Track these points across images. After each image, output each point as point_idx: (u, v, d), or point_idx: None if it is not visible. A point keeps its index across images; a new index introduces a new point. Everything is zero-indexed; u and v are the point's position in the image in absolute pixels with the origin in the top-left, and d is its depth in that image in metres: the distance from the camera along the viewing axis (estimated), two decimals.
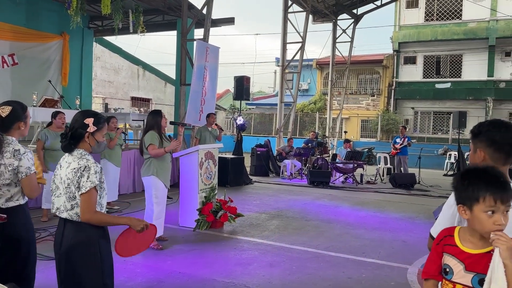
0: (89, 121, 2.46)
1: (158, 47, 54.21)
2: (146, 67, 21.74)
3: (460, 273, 1.57)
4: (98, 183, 2.39)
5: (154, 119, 5.19)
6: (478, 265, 1.54)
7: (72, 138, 2.44)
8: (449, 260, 1.61)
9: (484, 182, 1.52)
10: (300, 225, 6.68)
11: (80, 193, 2.35)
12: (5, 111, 2.64)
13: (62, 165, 2.47)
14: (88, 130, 2.45)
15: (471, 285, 1.55)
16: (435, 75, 23.16)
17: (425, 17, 23.27)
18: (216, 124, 8.49)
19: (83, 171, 2.35)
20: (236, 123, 11.95)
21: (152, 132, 5.12)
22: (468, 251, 1.57)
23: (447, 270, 1.61)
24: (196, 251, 5.12)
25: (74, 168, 2.37)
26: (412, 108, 23.46)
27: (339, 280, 4.32)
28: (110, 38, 17.13)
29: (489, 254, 1.51)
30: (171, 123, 6.50)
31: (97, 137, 2.51)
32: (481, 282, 1.52)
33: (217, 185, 6.57)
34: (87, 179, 2.35)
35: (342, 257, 5.06)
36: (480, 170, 1.58)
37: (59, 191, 2.44)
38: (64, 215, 2.39)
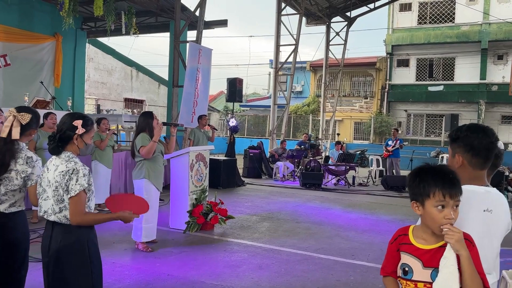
0: (78, 123, 2.46)
1: (152, 48, 54.12)
2: (140, 68, 21.69)
3: (419, 271, 1.62)
4: (87, 185, 2.39)
5: (145, 121, 5.13)
6: (434, 260, 1.59)
7: (60, 141, 2.43)
8: (407, 259, 1.66)
9: (433, 178, 1.59)
10: (291, 227, 6.70)
11: (69, 196, 2.34)
12: (25, 118, 2.64)
13: (49, 168, 2.45)
14: (76, 132, 2.45)
15: (431, 280, 1.59)
16: (428, 78, 23.32)
17: (418, 20, 23.44)
18: (209, 125, 8.48)
19: (71, 174, 2.35)
20: (229, 125, 11.96)
21: (143, 134, 5.08)
22: (423, 247, 1.63)
23: (406, 269, 1.66)
24: (185, 253, 5.12)
25: (62, 171, 2.36)
26: (405, 110, 23.61)
27: (327, 283, 4.34)
28: (104, 40, 17.09)
29: (443, 249, 1.57)
30: (163, 124, 6.49)
31: (85, 139, 2.51)
32: None
33: (208, 187, 6.58)
34: (76, 182, 2.34)
35: (331, 260, 5.09)
36: (431, 168, 1.64)
37: (46, 194, 2.42)
38: (52, 218, 2.38)
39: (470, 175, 1.80)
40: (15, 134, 2.60)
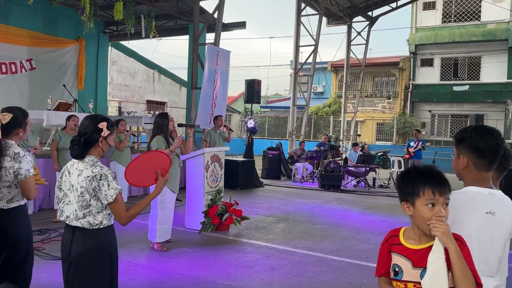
0: (103, 125, 2.44)
1: (174, 51, 54.87)
2: (161, 71, 22.02)
3: (408, 271, 1.62)
4: (120, 187, 2.38)
5: (161, 123, 5.21)
6: (423, 260, 1.58)
7: (86, 144, 2.40)
8: (397, 259, 1.67)
9: (422, 177, 1.61)
10: (306, 228, 6.67)
11: (107, 202, 2.33)
12: (6, 118, 2.72)
13: (71, 172, 2.43)
14: (102, 134, 2.43)
15: (420, 280, 1.59)
16: (452, 78, 22.79)
17: (442, 18, 22.95)
18: (225, 126, 8.54)
19: (99, 179, 2.32)
20: (247, 126, 12.00)
21: (158, 137, 5.14)
22: (412, 247, 1.64)
23: (397, 270, 1.66)
24: (199, 253, 5.17)
25: (88, 176, 2.33)
26: (429, 111, 23.15)
27: (339, 285, 4.31)
28: (126, 43, 17.44)
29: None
30: (179, 125, 6.57)
31: (109, 141, 2.49)
32: None
33: (223, 188, 6.62)
34: (109, 187, 2.33)
35: (345, 262, 5.05)
36: (418, 168, 1.66)
37: (68, 198, 2.40)
38: (75, 223, 2.36)
39: (475, 177, 1.78)
40: None
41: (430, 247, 1.58)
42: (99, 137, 2.43)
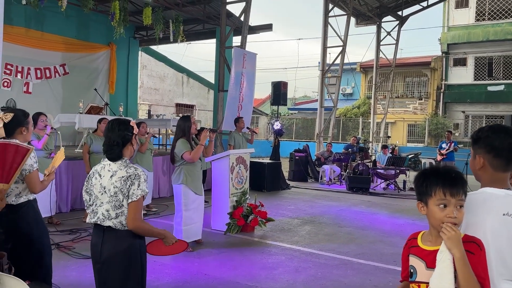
0: (133, 123, 2.56)
1: (202, 54, 55.52)
2: (190, 74, 22.33)
3: (422, 271, 1.61)
4: (147, 191, 2.43)
5: (183, 126, 5.21)
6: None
7: (123, 144, 2.46)
8: (413, 260, 1.67)
9: (435, 177, 1.60)
10: (332, 231, 6.60)
11: (130, 201, 2.35)
12: (8, 117, 2.84)
13: (102, 175, 2.46)
14: (134, 132, 2.53)
15: None
16: (487, 77, 22.04)
17: (476, 16, 22.25)
18: (248, 128, 8.55)
19: (133, 179, 2.37)
20: (273, 128, 11.99)
21: (182, 140, 5.14)
22: (428, 248, 1.63)
23: (412, 271, 1.66)
24: (224, 254, 5.21)
25: (123, 177, 2.38)
26: (463, 112, 22.46)
27: None
28: (156, 47, 17.78)
29: None
30: (200, 129, 6.62)
31: (137, 139, 2.61)
32: None
33: (248, 190, 6.64)
34: (138, 187, 2.37)
35: (371, 265, 4.96)
36: (435, 168, 1.64)
37: (100, 200, 2.43)
38: (107, 223, 2.38)
39: (492, 177, 1.73)
40: (1, 133, 2.78)
41: None
42: (132, 134, 2.51)
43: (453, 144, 12.02)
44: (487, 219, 1.62)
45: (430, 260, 1.59)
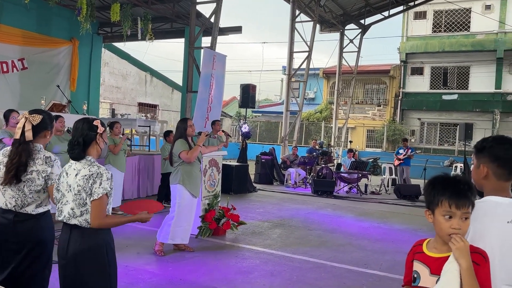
0: (98, 122, 2.53)
1: (166, 53, 54.59)
2: (154, 73, 21.90)
3: (425, 277, 1.65)
4: (110, 189, 2.41)
5: (181, 127, 5.30)
6: (441, 268, 1.60)
7: (84, 144, 2.45)
8: (417, 266, 1.71)
9: (443, 187, 1.63)
10: (303, 234, 6.68)
11: (92, 199, 2.36)
12: (36, 119, 2.69)
13: (69, 173, 2.47)
14: (98, 131, 2.50)
15: None
16: (442, 87, 23.11)
17: (432, 28, 23.29)
18: (222, 131, 8.52)
19: (95, 177, 2.37)
20: (241, 131, 11.99)
21: (180, 140, 5.22)
22: (433, 255, 1.67)
23: (415, 276, 1.70)
24: (197, 258, 5.13)
25: (86, 175, 2.38)
26: (419, 119, 23.41)
27: None
28: (119, 44, 17.31)
29: None
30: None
31: (104, 138, 2.57)
32: None
33: (220, 193, 6.60)
34: (100, 185, 2.37)
35: (344, 268, 5.06)
36: (445, 177, 1.68)
37: (66, 198, 2.43)
38: (73, 221, 2.39)
39: (495, 186, 1.79)
40: (29, 135, 2.65)
41: (449, 256, 1.60)
42: (96, 134, 2.50)
43: (410, 150, 12.61)
44: (492, 227, 1.68)
45: (434, 267, 1.63)
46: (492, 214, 1.68)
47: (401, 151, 12.75)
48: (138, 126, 10.68)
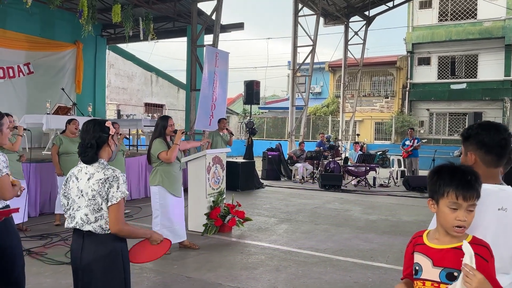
0: (109, 123, 2.46)
1: (171, 53, 54.80)
2: (159, 73, 21.97)
3: (428, 269, 1.61)
4: (127, 193, 2.35)
5: (160, 125, 5.13)
6: (444, 260, 1.57)
7: (97, 146, 2.38)
8: (418, 258, 1.66)
9: (449, 177, 1.57)
10: (309, 229, 6.66)
11: (110, 204, 2.28)
12: None
13: (79, 177, 2.38)
14: (110, 132, 2.44)
15: (439, 280, 1.58)
16: (450, 76, 22.85)
17: (438, 17, 23.02)
18: (226, 129, 8.51)
19: (112, 181, 2.29)
20: (247, 127, 11.98)
21: (158, 140, 5.05)
22: (434, 246, 1.62)
23: (417, 268, 1.66)
24: (203, 255, 5.14)
25: (101, 179, 2.30)
26: (427, 109, 23.19)
27: (345, 285, 4.28)
28: (123, 46, 17.38)
29: (455, 250, 1.56)
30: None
31: (115, 140, 2.51)
32: (449, 276, 1.55)
33: (225, 190, 6.59)
34: (117, 189, 2.29)
35: (350, 262, 5.03)
36: (451, 167, 1.62)
37: (77, 204, 2.35)
38: (87, 227, 2.31)
39: (484, 173, 1.76)
40: None
41: (452, 248, 1.57)
42: (108, 135, 2.43)
43: (416, 140, 12.40)
44: (484, 215, 1.65)
45: (436, 259, 1.60)
46: (482, 202, 1.65)
47: (407, 142, 12.59)
48: (144, 126, 10.71)
